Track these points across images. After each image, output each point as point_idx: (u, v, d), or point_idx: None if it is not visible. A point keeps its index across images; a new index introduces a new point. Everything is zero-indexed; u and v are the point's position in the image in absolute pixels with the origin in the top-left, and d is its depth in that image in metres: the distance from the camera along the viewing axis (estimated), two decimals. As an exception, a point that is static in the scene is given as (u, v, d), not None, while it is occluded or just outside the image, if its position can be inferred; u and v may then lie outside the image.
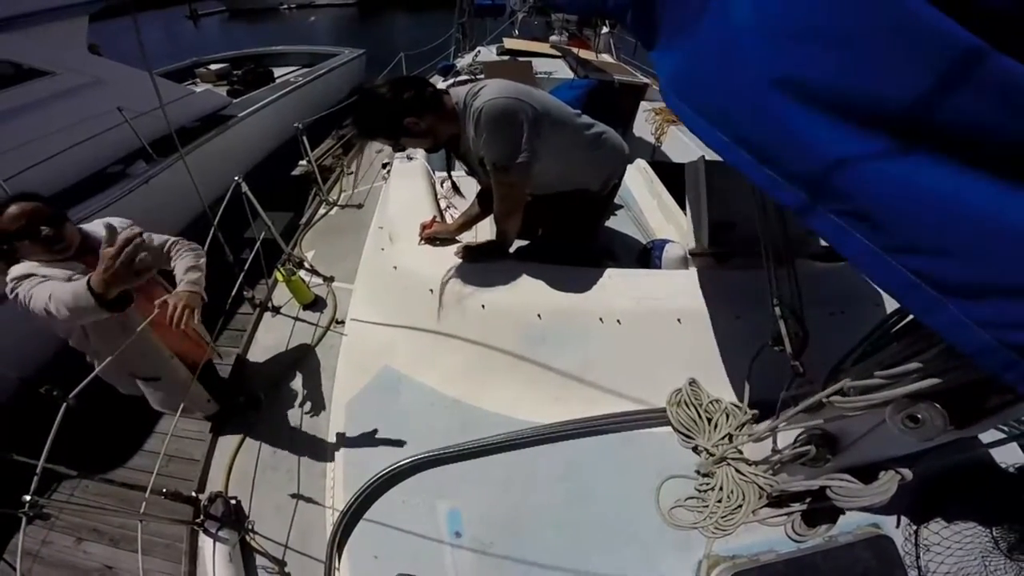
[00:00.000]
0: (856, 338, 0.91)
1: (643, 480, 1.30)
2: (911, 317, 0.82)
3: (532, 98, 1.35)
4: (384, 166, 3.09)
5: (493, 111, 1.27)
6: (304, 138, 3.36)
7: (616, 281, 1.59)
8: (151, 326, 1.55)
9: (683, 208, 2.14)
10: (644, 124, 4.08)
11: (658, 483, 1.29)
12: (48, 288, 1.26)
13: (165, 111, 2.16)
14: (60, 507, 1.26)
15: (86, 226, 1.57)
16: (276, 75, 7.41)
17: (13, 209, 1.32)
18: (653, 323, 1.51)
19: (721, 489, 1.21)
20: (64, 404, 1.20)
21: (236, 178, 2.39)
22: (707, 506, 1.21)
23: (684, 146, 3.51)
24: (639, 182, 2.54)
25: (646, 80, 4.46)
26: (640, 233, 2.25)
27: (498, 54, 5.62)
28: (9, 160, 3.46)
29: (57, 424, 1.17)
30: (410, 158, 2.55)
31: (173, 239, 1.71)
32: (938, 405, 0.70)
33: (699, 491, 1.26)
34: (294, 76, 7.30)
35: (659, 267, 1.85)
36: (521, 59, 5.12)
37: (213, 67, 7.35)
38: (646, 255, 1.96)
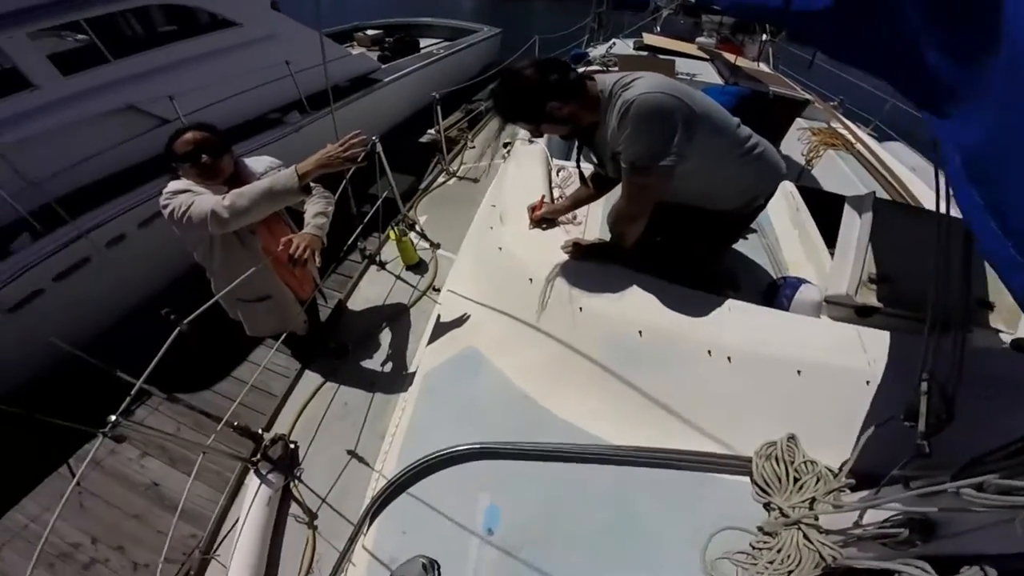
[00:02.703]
0: (1004, 434, 0.80)
1: (697, 524, 1.21)
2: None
3: (691, 98, 1.22)
4: (505, 145, 3.10)
5: (646, 105, 1.17)
6: (438, 107, 3.49)
7: (735, 315, 1.43)
8: (269, 258, 1.70)
9: (829, 246, 1.87)
10: (796, 143, 3.64)
11: (713, 531, 1.20)
12: (210, 198, 1.46)
13: (326, 69, 2.37)
14: (136, 429, 1.37)
15: (246, 160, 1.78)
16: (421, 46, 7.83)
17: (188, 136, 1.52)
18: (768, 369, 1.34)
19: (779, 551, 1.11)
20: (178, 328, 1.27)
21: (373, 138, 2.54)
22: (755, 564, 1.12)
23: (840, 174, 3.07)
24: (782, 206, 2.26)
25: (807, 96, 3.97)
26: (771, 265, 2.00)
27: (635, 48, 5.35)
28: (191, 98, 4.05)
29: (166, 346, 1.20)
30: (531, 141, 2.51)
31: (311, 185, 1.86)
32: None
33: (754, 547, 1.16)
34: (436, 48, 7.66)
35: (786, 308, 1.64)
36: (663, 57, 4.82)
37: (370, 32, 7.97)
38: (773, 291, 1.73)
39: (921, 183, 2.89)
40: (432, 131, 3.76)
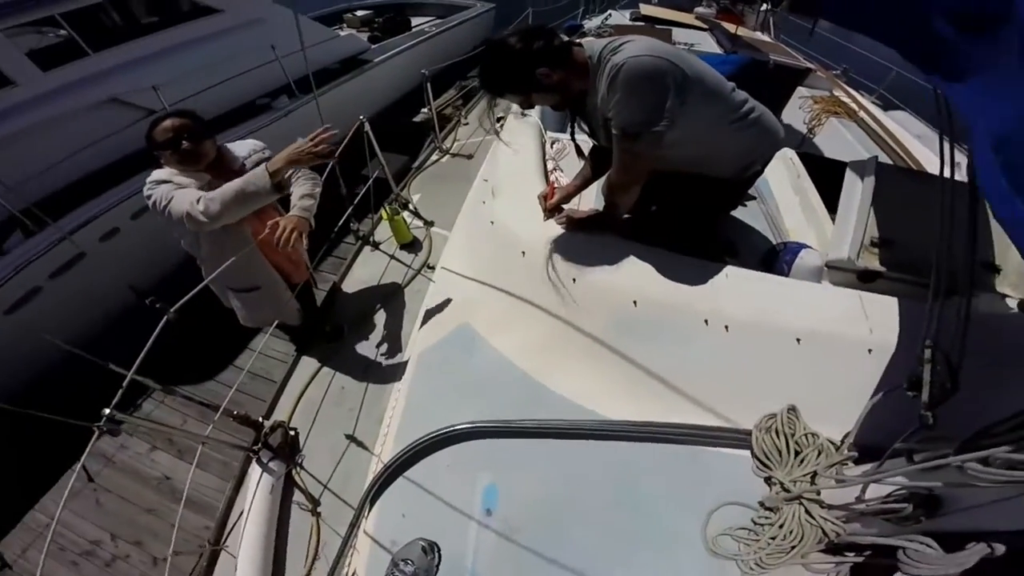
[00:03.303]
0: (1011, 404, 0.76)
1: (698, 500, 1.19)
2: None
3: (683, 61, 1.16)
4: (499, 120, 3.04)
5: (636, 69, 1.11)
6: (428, 85, 3.41)
7: (733, 281, 1.39)
8: (258, 243, 1.68)
9: (831, 211, 1.83)
10: (797, 111, 3.56)
11: (714, 507, 1.18)
12: (187, 198, 1.43)
13: (306, 53, 2.30)
14: (135, 422, 1.39)
15: (229, 145, 1.74)
16: (413, 24, 7.64)
17: (167, 123, 1.49)
18: (767, 338, 1.31)
19: (781, 527, 1.09)
20: (165, 317, 1.25)
21: (360, 117, 2.48)
22: (758, 540, 1.10)
23: (843, 142, 3.00)
24: (782, 173, 2.20)
25: (809, 65, 3.86)
26: (771, 231, 1.96)
27: (631, 19, 5.21)
28: (179, 85, 3.97)
29: (155, 336, 1.19)
30: (524, 115, 2.45)
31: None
32: None
33: (755, 523, 1.14)
34: (428, 26, 7.48)
35: (786, 274, 1.60)
36: (659, 27, 4.68)
37: (359, 13, 7.76)
38: (773, 257, 1.70)
39: (926, 150, 2.82)
40: (425, 110, 3.69)
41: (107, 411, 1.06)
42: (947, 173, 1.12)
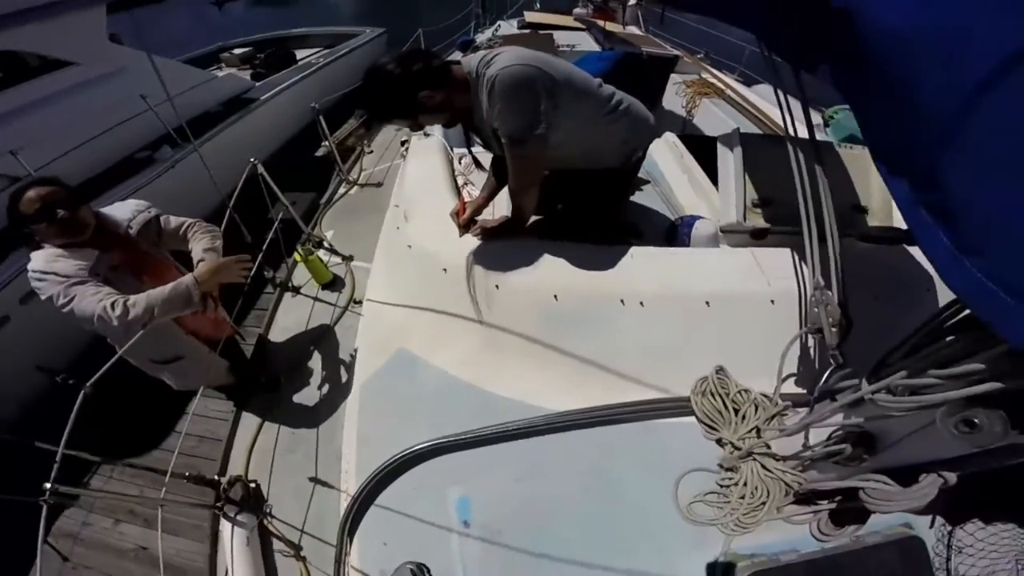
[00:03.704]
0: (905, 327, 0.81)
1: (662, 473, 1.23)
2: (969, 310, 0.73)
3: (550, 66, 1.25)
4: (403, 143, 3.04)
5: (508, 79, 1.18)
6: (321, 118, 3.34)
7: (639, 260, 1.49)
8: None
9: (716, 184, 2.02)
10: (675, 97, 3.88)
11: (678, 476, 1.21)
12: (93, 300, 1.34)
13: (175, 100, 2.18)
14: (81, 493, 1.35)
15: (105, 210, 1.59)
16: (298, 57, 7.40)
17: (31, 193, 1.34)
18: (679, 306, 1.40)
19: (745, 485, 1.13)
20: (82, 392, 1.22)
21: (252, 159, 2.37)
22: (728, 502, 1.13)
23: (718, 119, 3.32)
24: (667, 157, 2.40)
25: (676, 52, 4.24)
26: (669, 210, 2.13)
27: (519, 28, 5.45)
28: (40, 150, 3.55)
29: (76, 411, 1.18)
30: (427, 135, 2.48)
31: (191, 221, 1.73)
32: (997, 410, 0.62)
33: (721, 486, 1.18)
34: (315, 58, 7.28)
35: (687, 244, 1.75)
36: (542, 32, 4.93)
37: (237, 51, 7.39)
38: (674, 232, 1.84)
39: (787, 116, 3.18)
40: (327, 143, 3.59)
41: (48, 485, 1.09)
42: (791, 132, 1.30)
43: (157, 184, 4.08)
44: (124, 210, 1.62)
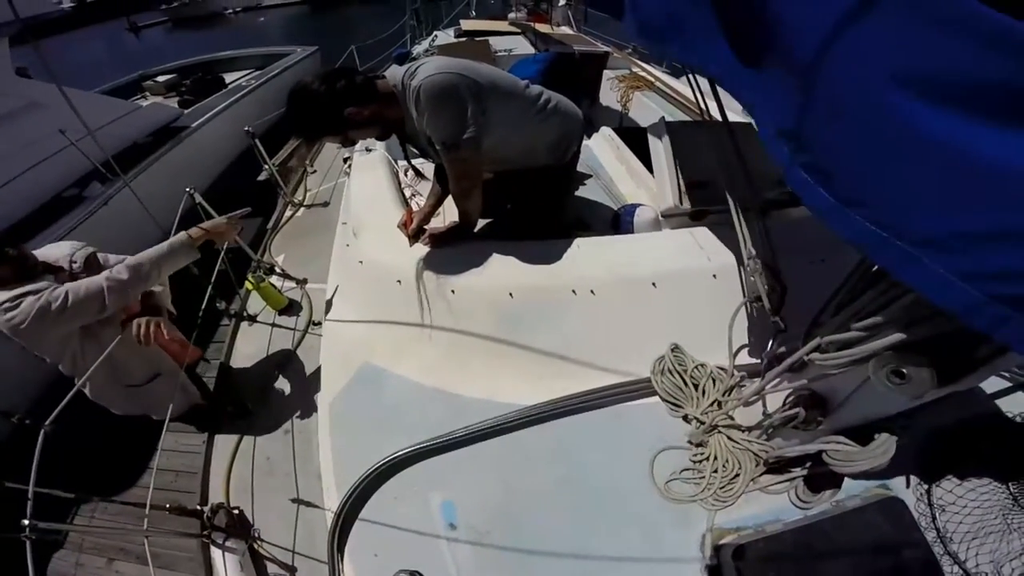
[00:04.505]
0: (832, 287, 0.85)
1: (636, 455, 1.25)
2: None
3: (474, 71, 1.29)
4: (346, 160, 3.01)
5: (432, 88, 1.22)
6: (257, 141, 3.26)
7: (586, 250, 1.56)
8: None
9: (652, 172, 2.13)
10: (610, 92, 4.00)
11: (651, 456, 1.24)
12: (87, 281, 1.38)
13: (94, 135, 2.11)
14: (62, 528, 1.33)
15: (38, 252, 1.55)
16: (228, 81, 7.14)
17: None
18: (627, 290, 1.47)
19: (716, 459, 1.17)
20: (42, 431, 1.24)
21: (188, 189, 2.30)
22: (704, 477, 1.16)
23: (650, 111, 3.46)
24: (605, 150, 2.51)
25: (607, 49, 4.39)
26: (611, 201, 2.22)
27: (456, 36, 5.48)
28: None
29: (39, 450, 1.21)
30: (369, 150, 2.48)
31: (125, 258, 1.68)
32: (924, 358, 0.64)
33: (694, 462, 1.21)
34: (246, 80, 7.04)
35: (631, 231, 1.83)
36: (479, 39, 4.99)
37: (161, 79, 7.07)
38: (617, 221, 1.93)
39: (712, 103, 3.37)
40: (266, 167, 3.49)
41: (26, 521, 1.12)
42: (707, 115, 1.39)
43: (92, 221, 3.85)
44: (61, 250, 1.59)
